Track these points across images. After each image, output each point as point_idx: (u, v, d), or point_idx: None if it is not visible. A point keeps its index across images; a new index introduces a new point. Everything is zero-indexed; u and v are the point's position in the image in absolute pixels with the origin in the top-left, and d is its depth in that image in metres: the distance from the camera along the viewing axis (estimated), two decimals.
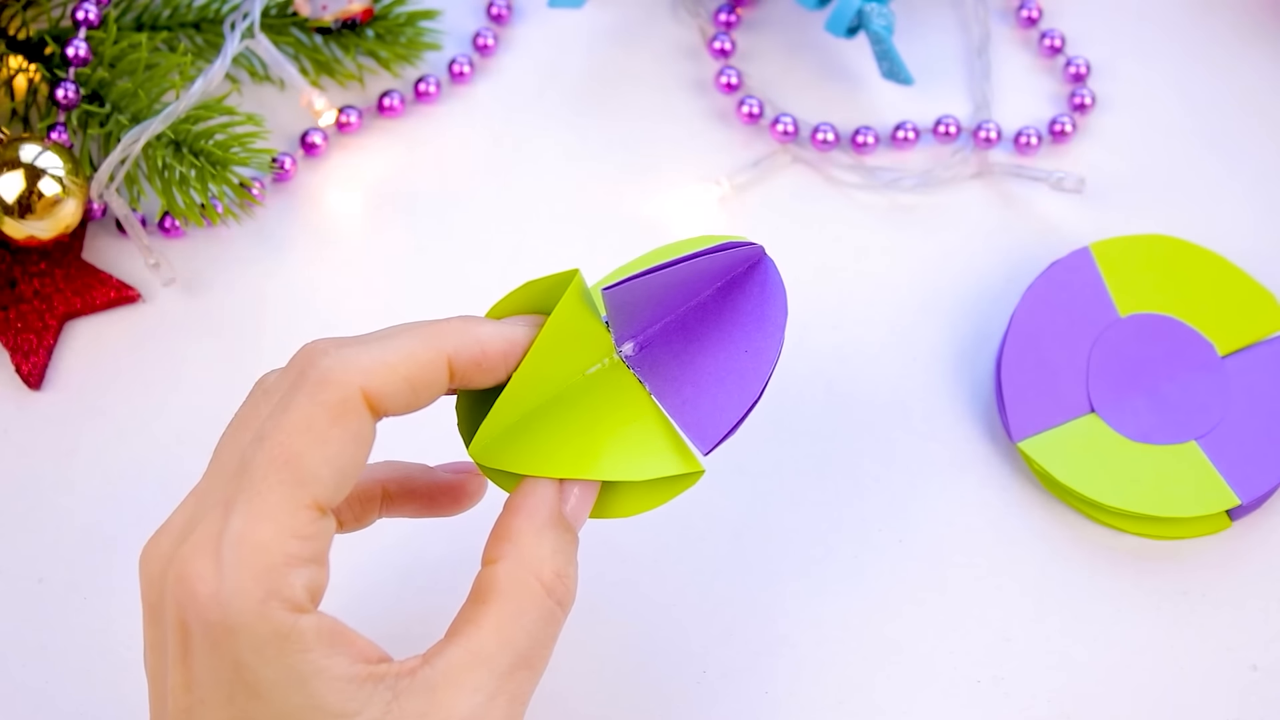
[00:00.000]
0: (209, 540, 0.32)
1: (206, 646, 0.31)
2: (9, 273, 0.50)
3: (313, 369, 0.33)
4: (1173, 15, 0.56)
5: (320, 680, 0.31)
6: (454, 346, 0.34)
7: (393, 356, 0.34)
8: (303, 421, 0.32)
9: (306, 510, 0.32)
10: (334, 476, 0.33)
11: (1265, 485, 0.46)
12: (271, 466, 0.32)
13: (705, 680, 0.45)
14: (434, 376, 0.34)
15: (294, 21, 0.53)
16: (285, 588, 0.31)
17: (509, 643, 0.34)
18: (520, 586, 0.34)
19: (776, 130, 0.53)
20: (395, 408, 0.34)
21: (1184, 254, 0.49)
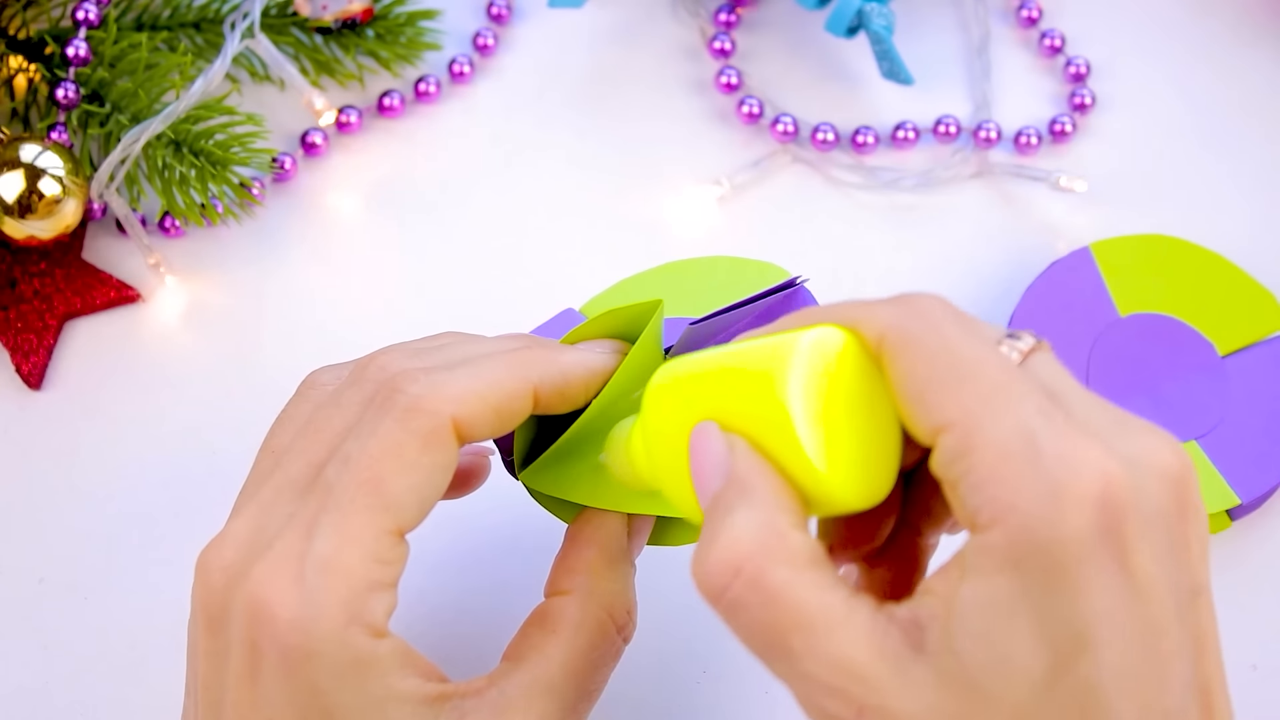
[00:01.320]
0: (290, 560, 0.31)
1: (282, 669, 0.31)
2: (9, 273, 0.50)
3: (402, 394, 0.33)
4: (1173, 15, 0.56)
5: (395, 704, 0.32)
6: (539, 376, 0.35)
7: (482, 386, 0.34)
8: (392, 447, 0.32)
9: (389, 535, 0.32)
10: (418, 504, 0.33)
11: (1265, 485, 0.46)
12: (359, 490, 0.32)
13: (705, 680, 0.45)
14: (520, 406, 0.34)
15: (294, 21, 0.53)
16: (367, 613, 0.31)
17: (577, 675, 0.34)
18: (593, 622, 0.35)
19: (776, 130, 0.53)
20: (481, 435, 0.34)
21: (1184, 254, 0.49)
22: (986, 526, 0.28)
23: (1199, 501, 0.30)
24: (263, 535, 0.32)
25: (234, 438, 0.48)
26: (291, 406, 0.37)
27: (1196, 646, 0.29)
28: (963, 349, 0.30)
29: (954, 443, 0.29)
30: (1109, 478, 0.28)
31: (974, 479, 0.29)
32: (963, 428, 0.29)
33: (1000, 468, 0.28)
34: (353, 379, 0.35)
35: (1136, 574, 0.28)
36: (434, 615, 0.45)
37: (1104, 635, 0.28)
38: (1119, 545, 0.28)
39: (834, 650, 0.29)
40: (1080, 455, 0.28)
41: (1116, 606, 0.28)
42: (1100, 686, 0.28)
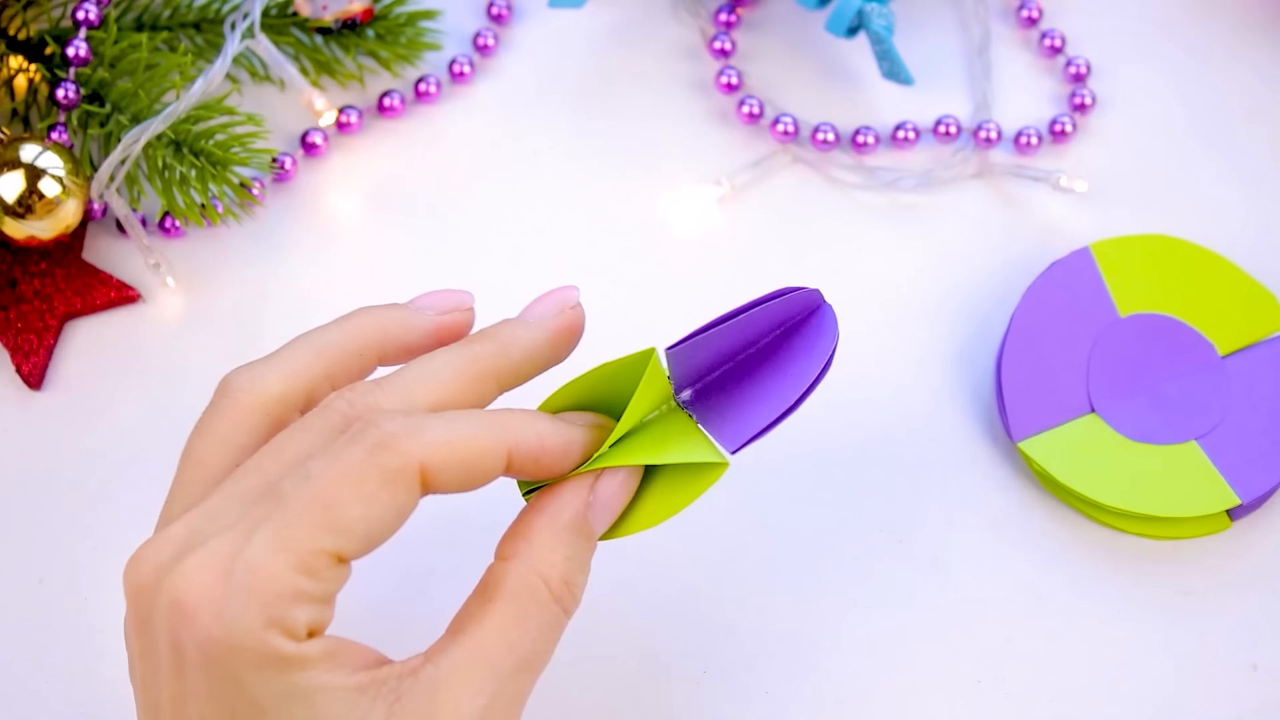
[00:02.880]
0: (219, 559, 0.32)
1: (203, 665, 0.31)
2: (9, 273, 0.50)
3: (376, 429, 0.33)
4: (1173, 16, 0.56)
5: (323, 694, 0.32)
6: (515, 439, 0.35)
7: (456, 439, 0.33)
8: (354, 475, 0.32)
9: (326, 555, 0.32)
10: (365, 535, 0.33)
11: (1265, 485, 0.46)
12: (309, 505, 0.32)
13: (706, 680, 0.45)
14: (491, 465, 0.34)
15: (294, 21, 0.53)
16: (288, 619, 0.31)
17: (513, 645, 0.34)
18: (527, 589, 0.34)
19: (777, 130, 0.53)
20: (446, 488, 0.34)
21: (1184, 254, 0.49)
22: None
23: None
24: (198, 537, 0.33)
25: None
26: (210, 415, 0.36)
27: None
28: None
29: None
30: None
31: None
32: None
33: None
34: (324, 407, 0.35)
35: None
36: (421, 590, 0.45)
37: None
38: None
39: None
40: None
41: None
42: None
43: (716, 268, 0.51)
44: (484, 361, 0.36)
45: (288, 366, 0.36)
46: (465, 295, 0.38)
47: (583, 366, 0.38)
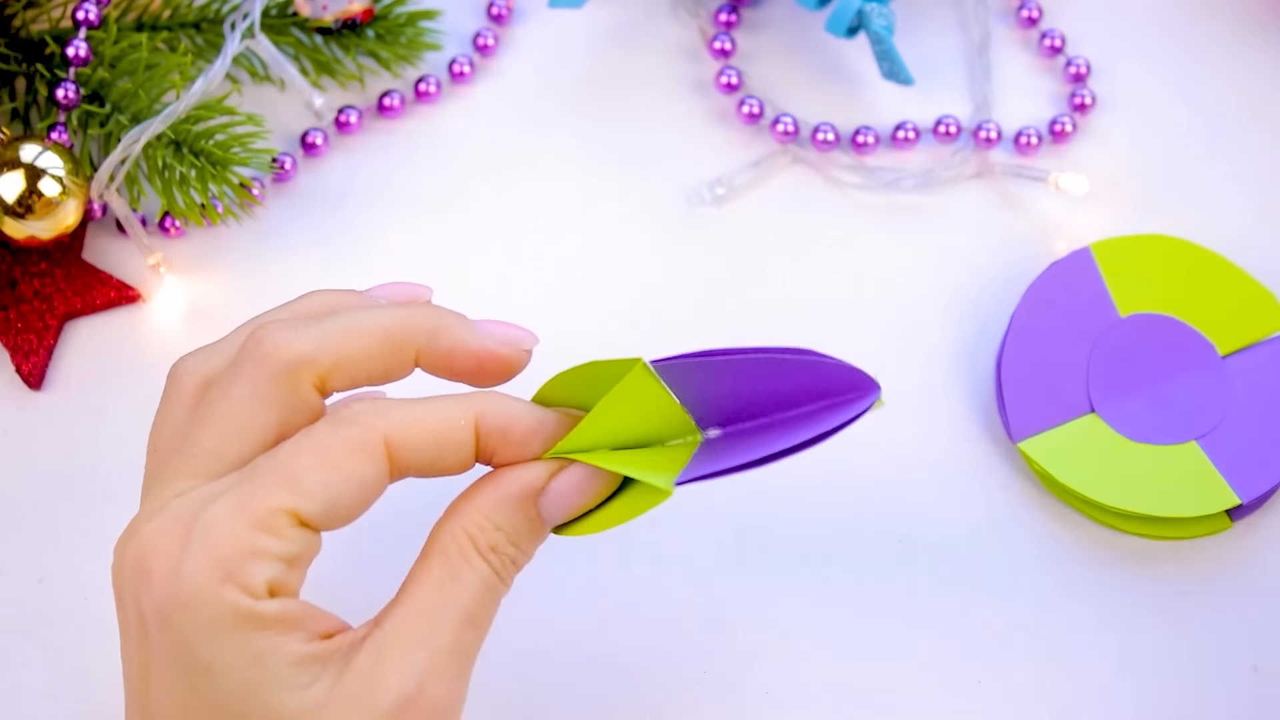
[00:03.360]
0: (180, 521, 0.32)
1: (160, 623, 0.32)
2: (9, 273, 0.50)
3: (345, 409, 0.34)
4: (1173, 15, 0.56)
5: (272, 658, 0.32)
6: (482, 409, 0.35)
7: (423, 411, 0.34)
8: (319, 445, 0.33)
9: (285, 514, 0.32)
10: (326, 499, 0.33)
11: (1265, 485, 0.46)
12: (273, 473, 0.32)
13: (705, 680, 0.45)
14: (460, 436, 0.35)
15: (294, 22, 0.53)
16: (244, 575, 0.32)
17: (449, 599, 0.34)
18: (456, 546, 0.34)
19: (777, 130, 0.53)
20: (416, 463, 0.34)
21: (1184, 254, 0.49)
22: None
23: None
24: (155, 513, 0.33)
25: None
26: (161, 405, 0.37)
27: None
28: None
29: None
30: None
31: None
32: None
33: None
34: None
35: None
36: None
37: None
38: None
39: None
40: None
41: None
42: None
43: (716, 268, 0.51)
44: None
45: (229, 349, 0.37)
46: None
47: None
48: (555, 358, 0.50)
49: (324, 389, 0.35)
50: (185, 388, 0.36)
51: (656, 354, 0.36)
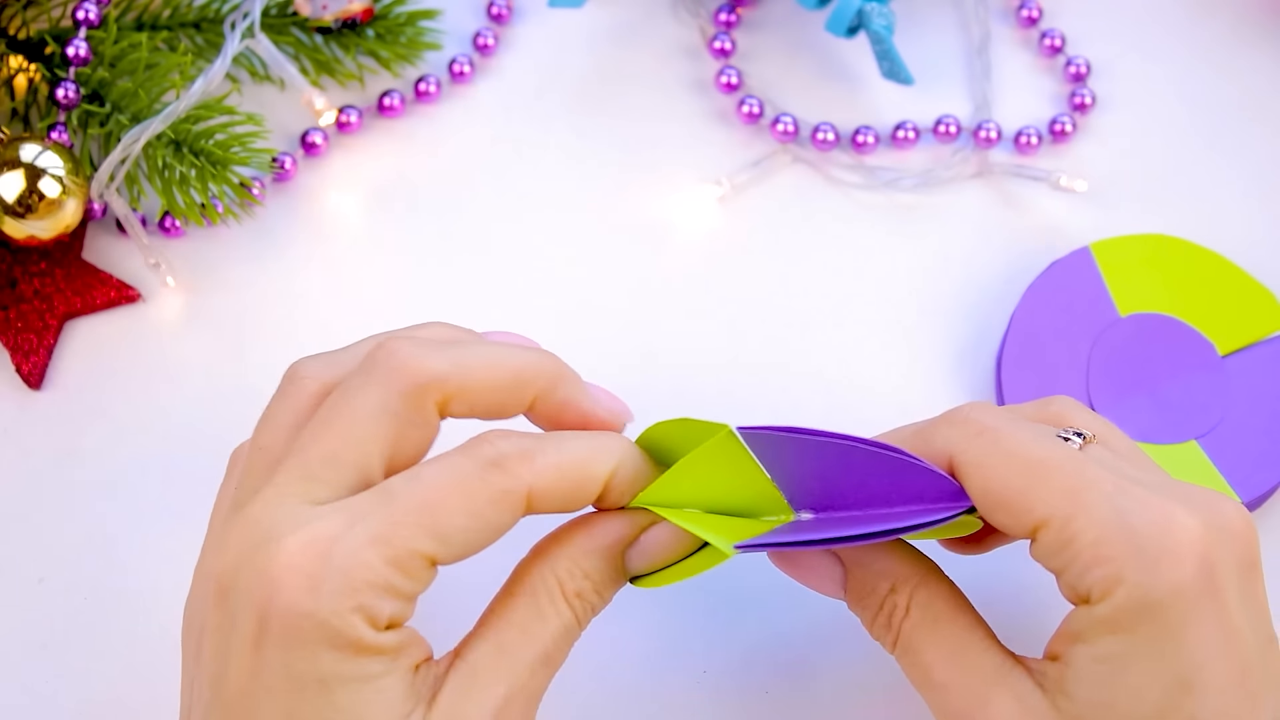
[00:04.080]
0: (320, 540, 0.32)
1: (284, 633, 0.32)
2: (9, 272, 0.50)
3: (491, 446, 0.34)
4: (1173, 15, 0.56)
5: (384, 685, 0.33)
6: (618, 462, 0.36)
7: (567, 462, 0.35)
8: (465, 487, 0.33)
9: (421, 557, 0.33)
10: (462, 546, 0.34)
11: (1266, 484, 0.46)
12: (418, 509, 0.33)
13: (706, 680, 0.45)
14: (594, 489, 0.35)
15: (294, 21, 0.53)
16: (374, 608, 0.32)
17: (532, 638, 0.35)
18: (544, 588, 0.35)
19: (777, 130, 0.53)
20: (548, 508, 0.35)
21: (1184, 253, 0.49)
22: (1097, 601, 0.33)
23: (1260, 558, 0.34)
24: (293, 518, 0.33)
25: (235, 437, 0.48)
26: (276, 403, 0.37)
27: (1275, 685, 0.34)
28: (1027, 453, 0.35)
29: (1051, 538, 0.34)
30: (1197, 538, 0.33)
31: (1079, 566, 0.33)
32: (1056, 523, 0.34)
33: (1101, 550, 0.33)
34: None
35: (1227, 623, 0.33)
36: None
37: (1205, 678, 0.32)
38: (1212, 598, 0.33)
39: None
40: (1168, 520, 0.33)
41: (1214, 653, 0.32)
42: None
43: (716, 267, 0.51)
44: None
45: (351, 359, 0.37)
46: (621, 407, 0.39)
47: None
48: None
49: (444, 412, 0.35)
50: (305, 390, 0.37)
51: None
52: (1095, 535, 0.33)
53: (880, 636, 0.37)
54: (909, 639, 0.36)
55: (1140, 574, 0.32)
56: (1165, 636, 0.32)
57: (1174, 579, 0.32)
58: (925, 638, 0.36)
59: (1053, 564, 0.34)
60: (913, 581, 0.37)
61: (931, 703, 0.36)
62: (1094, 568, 0.33)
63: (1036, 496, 0.34)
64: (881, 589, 0.37)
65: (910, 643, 0.36)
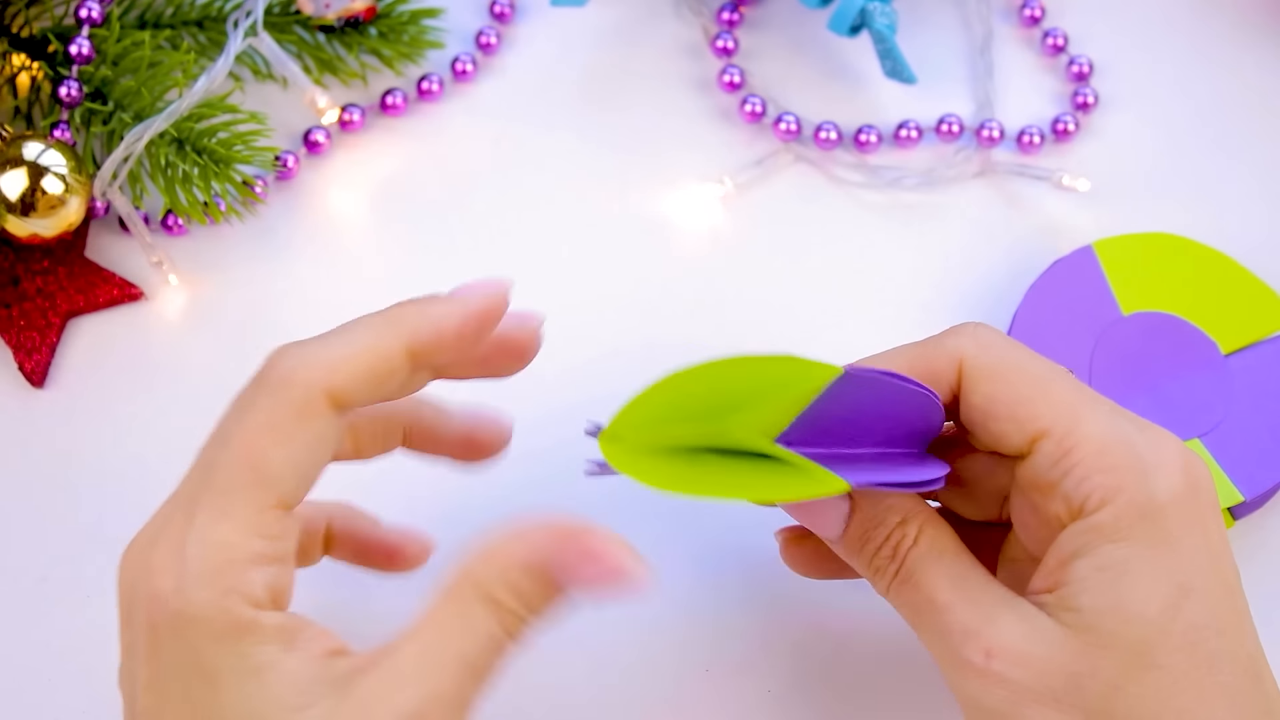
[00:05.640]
0: (173, 539, 0.32)
1: (169, 639, 0.32)
2: (12, 270, 0.50)
3: (274, 370, 0.34)
4: (1175, 14, 0.56)
5: (274, 672, 0.31)
6: (411, 330, 0.34)
7: (351, 350, 0.34)
8: (266, 421, 0.33)
9: (271, 510, 0.33)
10: (297, 475, 0.33)
11: (1268, 482, 0.46)
12: (236, 468, 0.33)
13: (708, 679, 0.44)
14: (395, 365, 0.34)
15: (297, 19, 0.53)
16: (245, 584, 0.32)
17: (452, 642, 0.33)
18: (472, 593, 0.33)
19: (779, 129, 0.53)
20: (360, 400, 0.34)
21: (1187, 252, 0.49)
22: (1095, 509, 0.34)
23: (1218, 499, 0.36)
24: (158, 523, 0.33)
25: None
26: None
27: (1248, 611, 0.35)
28: (1034, 367, 0.36)
29: (1052, 447, 0.35)
30: (1186, 457, 0.35)
31: (1079, 472, 0.35)
32: (1057, 434, 0.35)
33: (1104, 459, 0.34)
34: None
35: (1213, 540, 0.35)
36: None
37: (1200, 585, 0.34)
38: (1201, 514, 0.35)
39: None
40: (1160, 442, 0.35)
41: (1205, 564, 0.34)
42: (1204, 627, 0.34)
43: (719, 266, 0.51)
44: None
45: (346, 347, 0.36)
46: (502, 284, 0.36)
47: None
48: (556, 356, 0.50)
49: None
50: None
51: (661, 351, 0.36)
52: (1098, 444, 0.35)
53: (881, 568, 0.37)
54: (913, 566, 0.36)
55: (1139, 483, 0.34)
56: (1164, 542, 0.34)
57: (1169, 490, 0.34)
58: (931, 565, 0.36)
59: (1050, 474, 0.35)
60: (922, 516, 0.37)
61: (930, 626, 0.36)
62: (1095, 475, 0.34)
63: (1042, 405, 0.35)
64: (891, 521, 0.37)
65: (914, 570, 0.36)
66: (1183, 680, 0.33)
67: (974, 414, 0.37)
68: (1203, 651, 0.34)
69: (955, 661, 0.35)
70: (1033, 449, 0.35)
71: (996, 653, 0.34)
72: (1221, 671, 0.34)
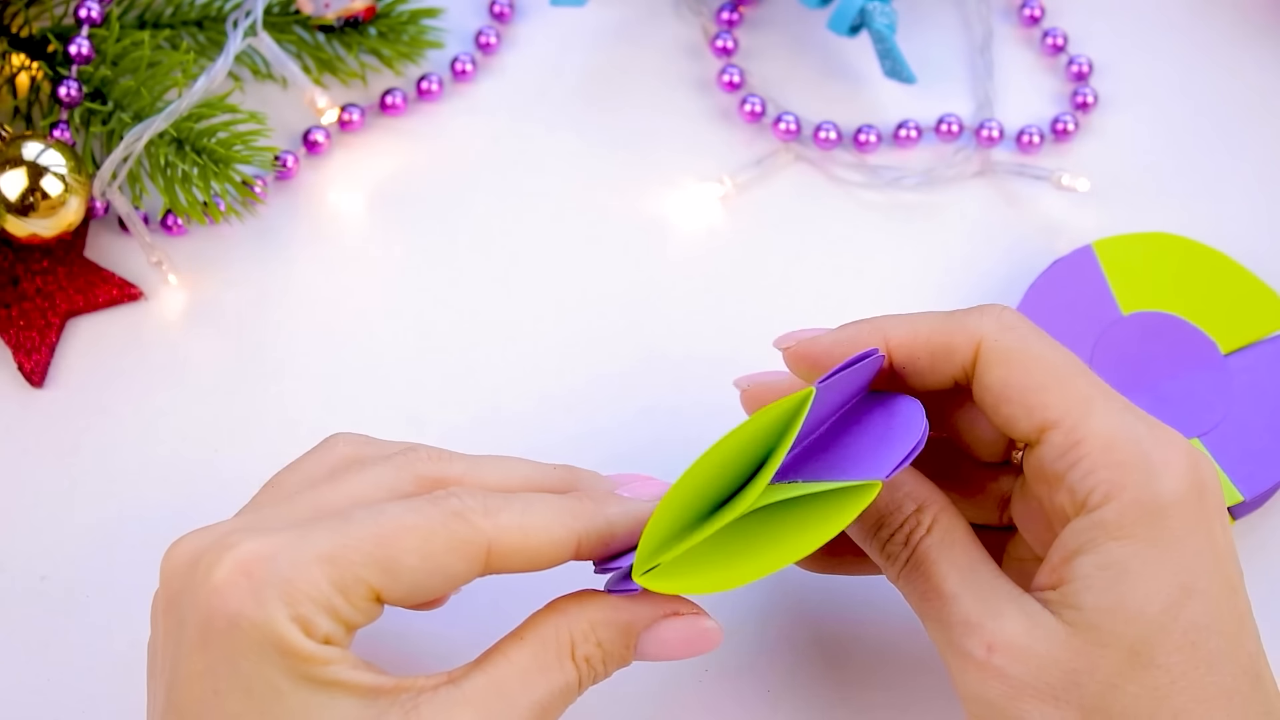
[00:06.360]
0: (267, 550, 0.32)
1: (230, 638, 0.32)
2: (11, 270, 0.50)
3: (456, 499, 0.34)
4: (1175, 14, 0.56)
5: (342, 689, 0.32)
6: (585, 529, 0.36)
7: (529, 525, 0.35)
8: (424, 532, 0.33)
9: (367, 587, 0.33)
10: (410, 587, 0.33)
11: (1268, 481, 0.46)
12: (371, 539, 0.33)
13: (708, 679, 0.44)
14: (559, 553, 0.35)
15: (296, 19, 0.53)
16: (311, 621, 0.32)
17: (531, 686, 0.34)
18: (557, 642, 0.35)
19: (779, 129, 0.53)
20: (509, 569, 0.35)
21: (1186, 252, 0.49)
22: (1099, 504, 0.34)
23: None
24: (245, 531, 0.33)
25: (235, 436, 0.48)
26: (308, 460, 0.38)
27: (1252, 614, 0.36)
28: (1051, 356, 0.36)
29: (1060, 438, 0.35)
30: (1193, 458, 0.35)
31: (1085, 466, 0.35)
32: (1066, 426, 0.35)
33: (1111, 455, 0.34)
34: (406, 460, 0.36)
35: (1217, 541, 0.35)
36: None
37: (1203, 586, 0.34)
38: (1205, 515, 0.35)
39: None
40: (1168, 442, 0.35)
41: (1208, 565, 0.34)
42: (1204, 628, 0.34)
43: (718, 266, 0.51)
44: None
45: (387, 450, 0.38)
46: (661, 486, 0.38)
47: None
48: (557, 356, 0.50)
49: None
50: (335, 452, 0.38)
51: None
52: (1106, 440, 0.35)
53: (893, 555, 0.37)
54: (924, 554, 0.36)
55: (1144, 481, 0.34)
56: (1167, 542, 0.34)
57: (1174, 490, 0.34)
58: (943, 554, 0.36)
59: (1057, 466, 0.35)
60: (938, 505, 0.37)
61: (933, 616, 0.36)
62: (1101, 470, 0.34)
63: (1054, 395, 0.35)
64: (908, 508, 0.37)
65: (925, 558, 0.36)
66: (1181, 680, 0.34)
67: (986, 395, 0.37)
68: (1202, 652, 0.34)
69: (957, 652, 0.35)
70: (1041, 438, 0.36)
71: (997, 647, 0.34)
72: (1220, 672, 0.34)
